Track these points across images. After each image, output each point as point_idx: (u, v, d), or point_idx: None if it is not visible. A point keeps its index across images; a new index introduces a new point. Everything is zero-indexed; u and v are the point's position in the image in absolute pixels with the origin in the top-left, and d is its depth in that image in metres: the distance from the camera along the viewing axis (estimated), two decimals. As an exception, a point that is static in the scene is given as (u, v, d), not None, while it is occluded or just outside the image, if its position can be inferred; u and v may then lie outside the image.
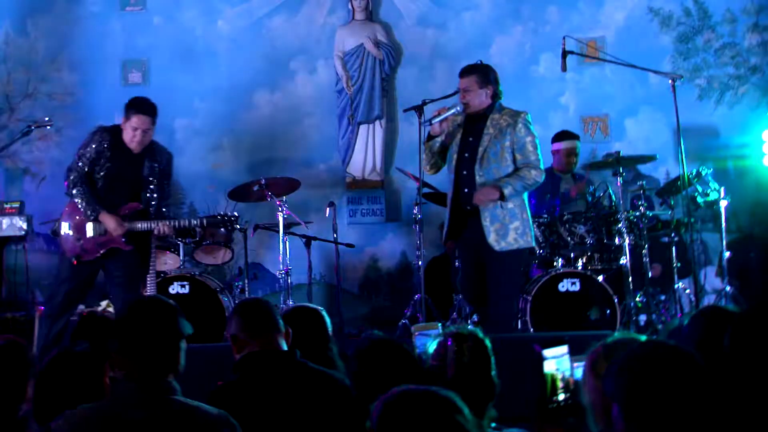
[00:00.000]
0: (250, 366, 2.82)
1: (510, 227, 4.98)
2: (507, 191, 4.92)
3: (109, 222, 5.15)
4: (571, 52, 5.96)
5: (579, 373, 2.51)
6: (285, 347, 2.90)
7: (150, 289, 5.54)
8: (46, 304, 5.40)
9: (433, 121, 5.14)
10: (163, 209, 5.35)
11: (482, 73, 5.21)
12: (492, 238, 4.97)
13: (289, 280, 6.34)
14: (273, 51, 7.96)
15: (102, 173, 5.21)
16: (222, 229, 6.32)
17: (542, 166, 5.11)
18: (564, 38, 5.86)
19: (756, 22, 7.81)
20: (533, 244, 5.17)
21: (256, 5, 8.02)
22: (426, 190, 6.34)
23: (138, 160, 5.27)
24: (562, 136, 6.71)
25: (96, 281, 5.47)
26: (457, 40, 7.93)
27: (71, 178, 5.20)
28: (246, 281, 6.55)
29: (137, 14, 8.00)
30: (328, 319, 3.36)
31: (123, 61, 7.95)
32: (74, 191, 5.19)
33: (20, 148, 7.53)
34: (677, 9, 7.85)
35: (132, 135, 5.19)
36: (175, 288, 6.00)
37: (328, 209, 6.70)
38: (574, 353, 2.47)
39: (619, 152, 6.29)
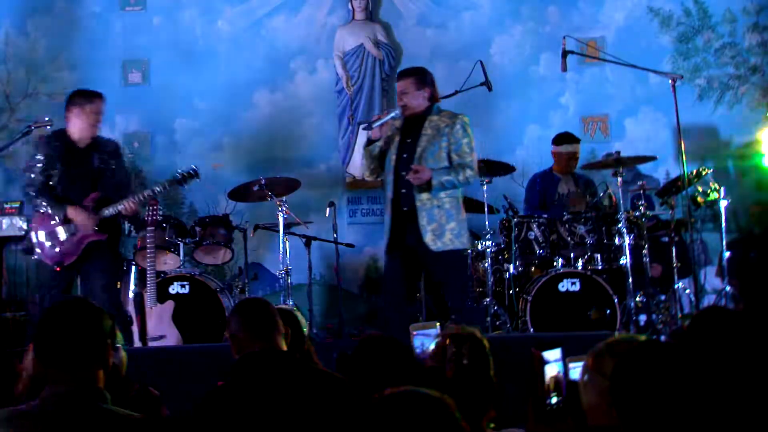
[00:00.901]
0: (249, 366, 2.82)
1: (446, 228, 5.00)
2: (435, 182, 4.96)
3: (78, 215, 5.20)
4: (571, 52, 5.96)
5: (574, 374, 2.51)
6: (285, 347, 2.90)
7: (150, 289, 5.55)
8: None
9: (373, 126, 5.17)
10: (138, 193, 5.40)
11: (419, 76, 5.24)
12: (428, 238, 4.99)
13: (289, 280, 6.34)
14: (273, 51, 7.96)
15: (56, 178, 5.27)
16: (222, 231, 6.33)
17: (475, 167, 5.12)
18: (564, 38, 5.86)
19: (756, 22, 7.80)
20: (468, 245, 5.20)
21: (256, 5, 8.02)
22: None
23: (86, 155, 5.34)
24: (563, 139, 6.69)
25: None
26: (457, 40, 7.92)
27: (30, 192, 5.27)
28: (246, 281, 6.55)
29: (137, 14, 7.99)
30: (303, 320, 3.39)
31: (123, 61, 7.95)
32: (37, 201, 5.25)
33: (20, 148, 7.52)
34: (677, 9, 7.85)
35: (92, 120, 5.30)
36: (175, 288, 6.01)
37: (328, 209, 6.70)
38: (572, 354, 2.46)
39: (619, 152, 6.29)
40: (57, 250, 5.22)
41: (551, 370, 2.27)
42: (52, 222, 5.25)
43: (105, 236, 5.24)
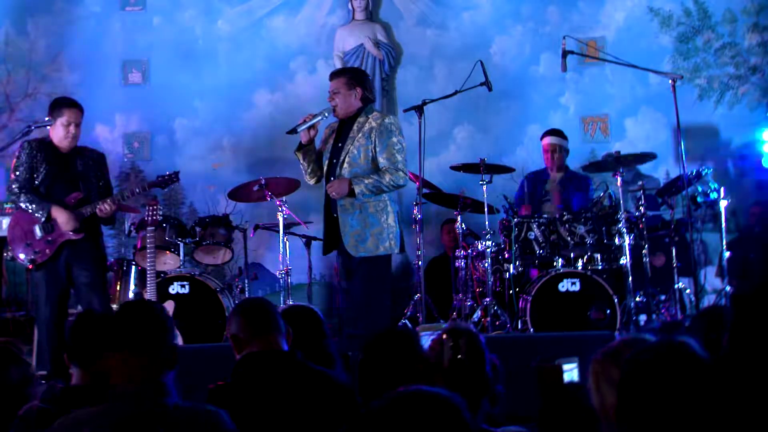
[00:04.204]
0: (250, 366, 2.82)
1: (369, 233, 4.98)
2: (357, 189, 4.94)
3: (60, 215, 5.25)
4: (571, 52, 5.96)
5: (567, 376, 2.50)
6: (286, 347, 2.90)
7: (150, 289, 5.55)
8: (38, 326, 5.43)
9: (298, 130, 5.15)
10: (112, 194, 5.47)
11: (351, 76, 5.24)
12: (349, 244, 4.98)
13: (289, 280, 6.34)
14: (273, 51, 7.96)
15: (40, 179, 5.32)
16: (222, 231, 6.33)
17: (405, 170, 5.10)
18: (564, 38, 5.86)
19: (756, 22, 7.81)
20: (395, 251, 5.14)
21: (256, 5, 8.02)
22: (426, 190, 6.34)
23: (70, 159, 5.40)
24: (546, 132, 6.73)
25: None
26: (457, 40, 7.92)
27: (13, 189, 5.31)
28: (246, 281, 6.55)
29: (137, 14, 8.00)
30: (322, 318, 3.38)
31: (123, 61, 7.95)
32: (20, 199, 5.30)
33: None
34: (677, 9, 7.85)
35: (65, 132, 5.34)
36: (175, 288, 6.00)
37: (328, 209, 6.69)
38: (571, 354, 2.46)
39: (619, 152, 6.29)
40: (30, 248, 5.26)
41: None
42: (31, 220, 5.29)
43: (81, 236, 5.27)
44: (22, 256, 5.31)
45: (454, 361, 2.56)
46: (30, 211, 5.28)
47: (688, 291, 6.43)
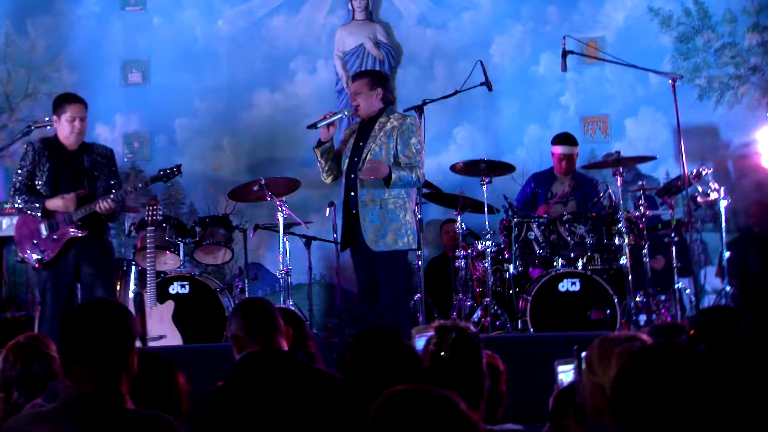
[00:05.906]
0: (250, 366, 2.82)
1: (388, 228, 5.04)
2: (394, 175, 5.00)
3: (57, 202, 5.22)
4: (571, 52, 5.97)
5: (565, 377, 2.50)
6: (286, 347, 2.90)
7: (150, 290, 5.55)
8: (40, 325, 5.42)
9: (318, 125, 5.18)
10: (113, 191, 5.40)
11: (372, 77, 5.33)
12: (370, 239, 5.03)
13: (289, 280, 6.34)
14: (273, 51, 7.96)
15: (43, 178, 5.30)
16: (222, 231, 6.34)
17: (423, 168, 5.16)
18: (564, 38, 5.87)
19: (756, 22, 7.81)
20: (413, 246, 5.20)
21: (256, 5, 8.02)
22: (426, 190, 6.34)
23: (77, 157, 5.37)
24: (558, 139, 6.68)
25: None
26: (457, 40, 7.92)
27: (11, 193, 5.32)
28: (246, 281, 6.55)
29: (137, 14, 8.00)
30: (303, 319, 3.39)
31: (123, 61, 7.95)
32: (18, 201, 5.30)
33: (20, 148, 7.52)
34: (677, 9, 7.85)
35: (71, 127, 5.30)
36: (175, 288, 6.00)
37: (328, 209, 6.69)
38: (571, 354, 2.46)
39: (618, 152, 6.29)
40: (37, 247, 5.26)
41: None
42: (37, 219, 5.28)
43: (86, 232, 5.26)
44: (29, 254, 5.30)
45: (435, 358, 2.53)
46: (25, 210, 5.28)
47: (688, 291, 6.43)
